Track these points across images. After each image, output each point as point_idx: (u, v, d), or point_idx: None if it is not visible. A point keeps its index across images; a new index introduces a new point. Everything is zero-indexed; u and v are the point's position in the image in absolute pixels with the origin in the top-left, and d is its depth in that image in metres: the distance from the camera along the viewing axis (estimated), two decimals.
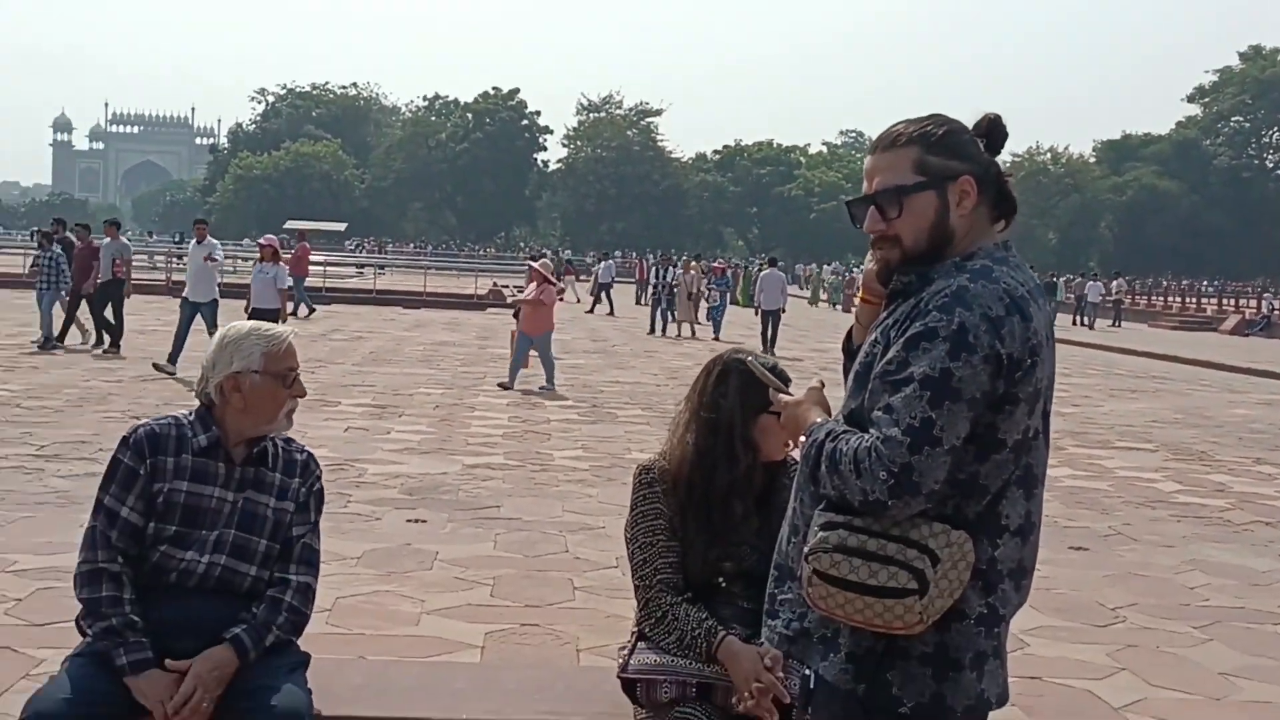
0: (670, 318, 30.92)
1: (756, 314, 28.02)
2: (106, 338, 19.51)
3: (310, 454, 3.50)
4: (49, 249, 20.09)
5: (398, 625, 6.26)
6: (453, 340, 25.70)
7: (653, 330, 30.64)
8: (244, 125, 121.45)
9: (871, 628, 2.36)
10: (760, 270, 32.24)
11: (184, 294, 17.59)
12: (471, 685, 3.77)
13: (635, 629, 3.50)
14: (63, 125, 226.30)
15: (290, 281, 17.90)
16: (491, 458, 11.56)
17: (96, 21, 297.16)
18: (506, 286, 38.78)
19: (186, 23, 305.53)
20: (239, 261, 45.16)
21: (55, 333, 19.61)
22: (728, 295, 32.83)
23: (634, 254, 67.42)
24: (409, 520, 8.66)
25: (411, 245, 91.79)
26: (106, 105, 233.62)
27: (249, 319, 15.94)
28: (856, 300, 2.72)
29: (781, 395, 2.69)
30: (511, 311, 19.17)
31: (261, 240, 18.19)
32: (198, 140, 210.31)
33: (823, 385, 2.65)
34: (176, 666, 3.12)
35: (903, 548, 2.32)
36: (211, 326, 16.26)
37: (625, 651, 3.46)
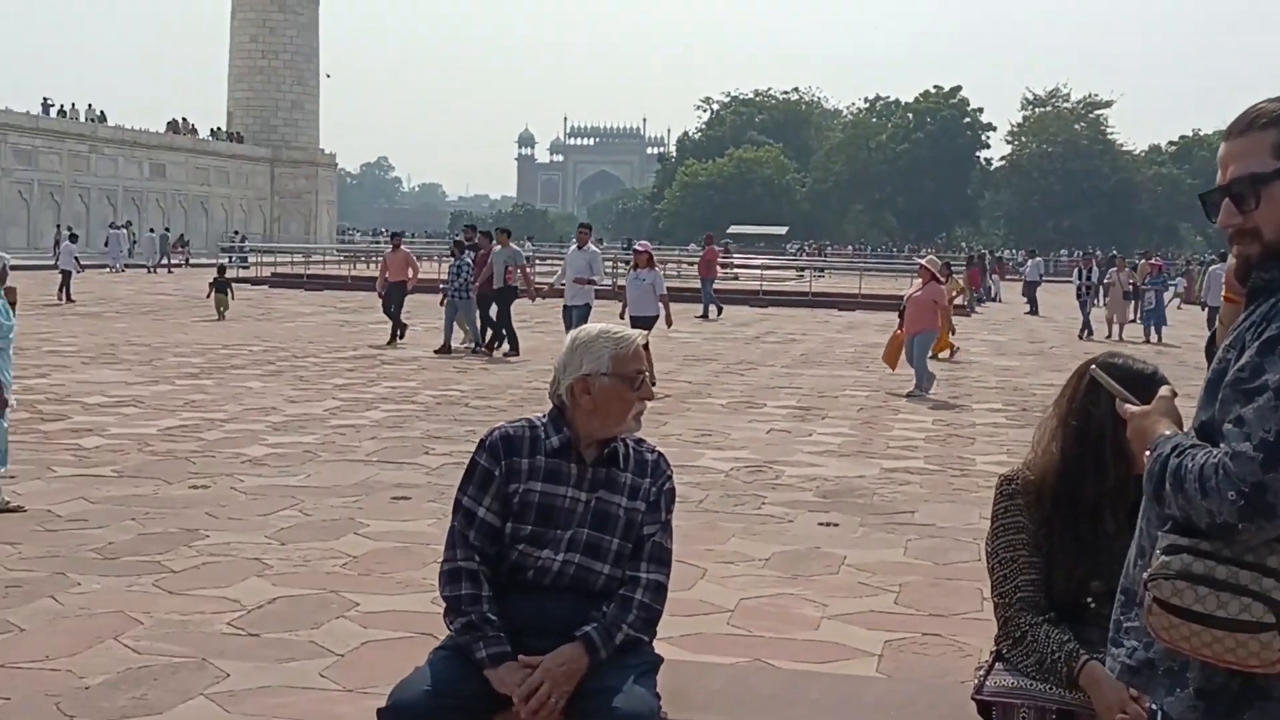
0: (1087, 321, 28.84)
1: (1203, 310, 26.20)
2: (505, 343, 19.99)
3: (660, 454, 3.52)
4: (460, 257, 20.63)
5: (797, 629, 6.24)
6: (882, 342, 25.48)
7: (1082, 333, 28.82)
8: (690, 133, 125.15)
9: (1223, 664, 2.11)
10: (1209, 266, 30.13)
11: (564, 301, 17.75)
12: (830, 696, 3.68)
13: (993, 648, 3.32)
14: (526, 140, 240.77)
15: (665, 289, 16.97)
16: (910, 461, 11.36)
17: (556, 41, 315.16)
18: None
19: (638, 37, 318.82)
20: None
21: (478, 339, 20.33)
22: (1165, 295, 30.64)
23: (1080, 252, 64.72)
24: (821, 523, 8.63)
25: (850, 247, 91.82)
26: (565, 120, 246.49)
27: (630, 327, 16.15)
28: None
29: (1128, 406, 2.45)
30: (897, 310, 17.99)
31: (637, 246, 17.86)
32: (648, 150, 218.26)
33: (1174, 394, 2.41)
34: (529, 661, 3.21)
35: (1258, 576, 2.06)
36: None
37: (981, 672, 3.28)
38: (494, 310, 20.10)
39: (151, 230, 58.84)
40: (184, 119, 75.20)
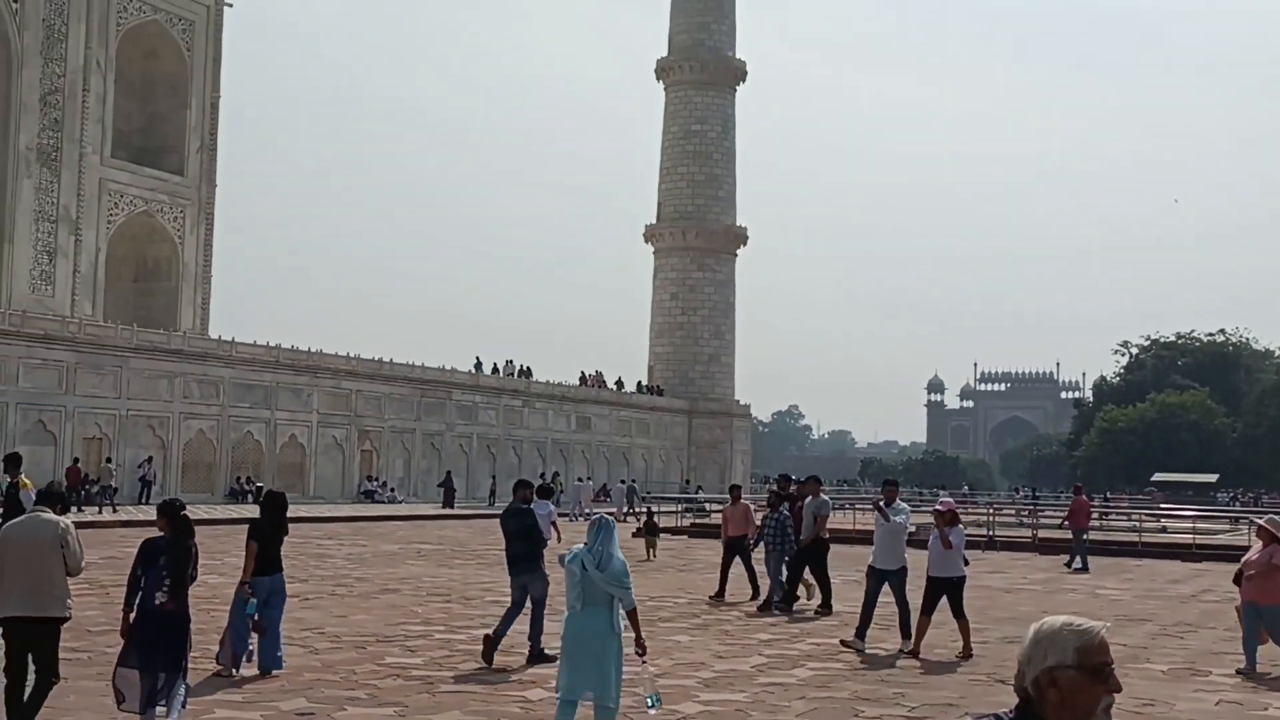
0: None
1: None
2: (819, 598, 19.36)
3: None
4: (778, 510, 20.27)
5: None
6: None
7: None
8: (1108, 378, 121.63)
9: None
10: None
11: (870, 561, 16.24)
12: None
13: None
14: (935, 386, 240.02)
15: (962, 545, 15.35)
16: None
17: (964, 289, 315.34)
18: None
19: (1049, 281, 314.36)
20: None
21: (781, 594, 19.60)
22: None
23: None
24: None
25: None
26: (975, 365, 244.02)
27: (927, 587, 14.94)
28: None
29: None
30: (1232, 576, 16.12)
31: (939, 505, 15.97)
32: (1062, 394, 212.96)
33: None
34: None
35: None
36: (901, 597, 15.66)
37: None
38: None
39: (622, 481, 62.10)
40: (597, 372, 79.26)
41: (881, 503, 16.26)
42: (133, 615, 9.45)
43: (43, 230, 54.48)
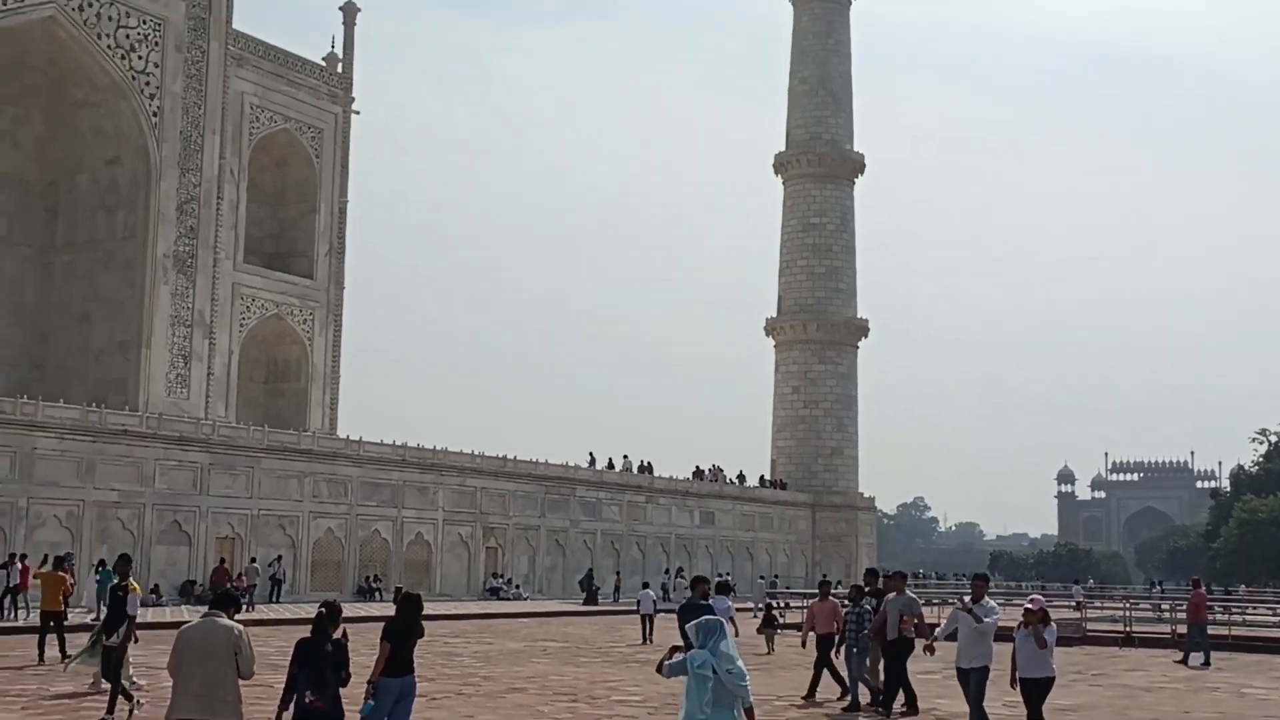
0: None
1: None
2: (903, 701, 18.51)
3: None
4: (858, 604, 19.82)
5: None
6: None
7: None
8: (1245, 466, 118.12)
9: None
10: None
11: (959, 662, 15.60)
12: None
13: None
14: (1065, 477, 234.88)
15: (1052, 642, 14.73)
16: None
17: (1094, 379, 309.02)
18: None
19: (1182, 370, 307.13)
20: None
21: (878, 693, 18.97)
22: None
23: None
24: None
25: None
26: (1106, 455, 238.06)
27: (1022, 690, 14.13)
28: None
29: None
30: None
31: (1029, 603, 15.06)
32: (1198, 484, 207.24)
33: None
34: None
35: None
36: (978, 697, 15.10)
37: None
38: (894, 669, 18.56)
39: (762, 578, 61.55)
40: (714, 466, 78.79)
41: (968, 599, 15.56)
42: (289, 714, 9.58)
43: (179, 334, 56.12)
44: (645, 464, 72.90)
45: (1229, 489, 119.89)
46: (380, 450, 55.46)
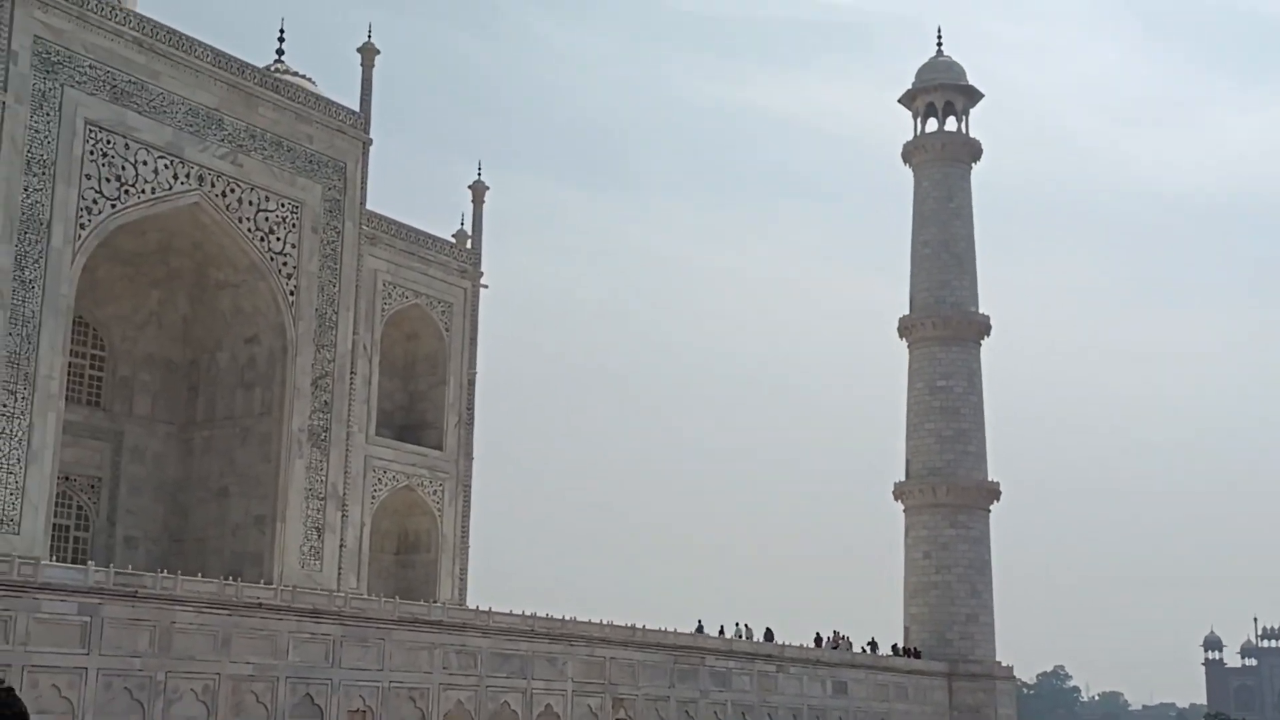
0: None
1: None
2: None
3: None
4: None
5: None
6: None
7: None
8: None
9: None
10: None
11: None
12: None
13: None
14: (1213, 644, 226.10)
15: None
16: None
17: (1240, 541, 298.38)
18: None
19: None
20: None
21: None
22: None
23: None
24: None
25: None
26: (1255, 620, 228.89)
27: None
28: None
29: None
30: None
31: None
32: None
33: None
34: None
35: None
36: None
37: None
38: None
39: None
40: (835, 633, 77.08)
41: None
42: None
43: (312, 507, 56.99)
44: (767, 631, 71.72)
45: None
46: (509, 621, 55.33)
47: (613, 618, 60.18)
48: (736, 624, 71.36)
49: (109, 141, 50.37)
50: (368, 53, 62.33)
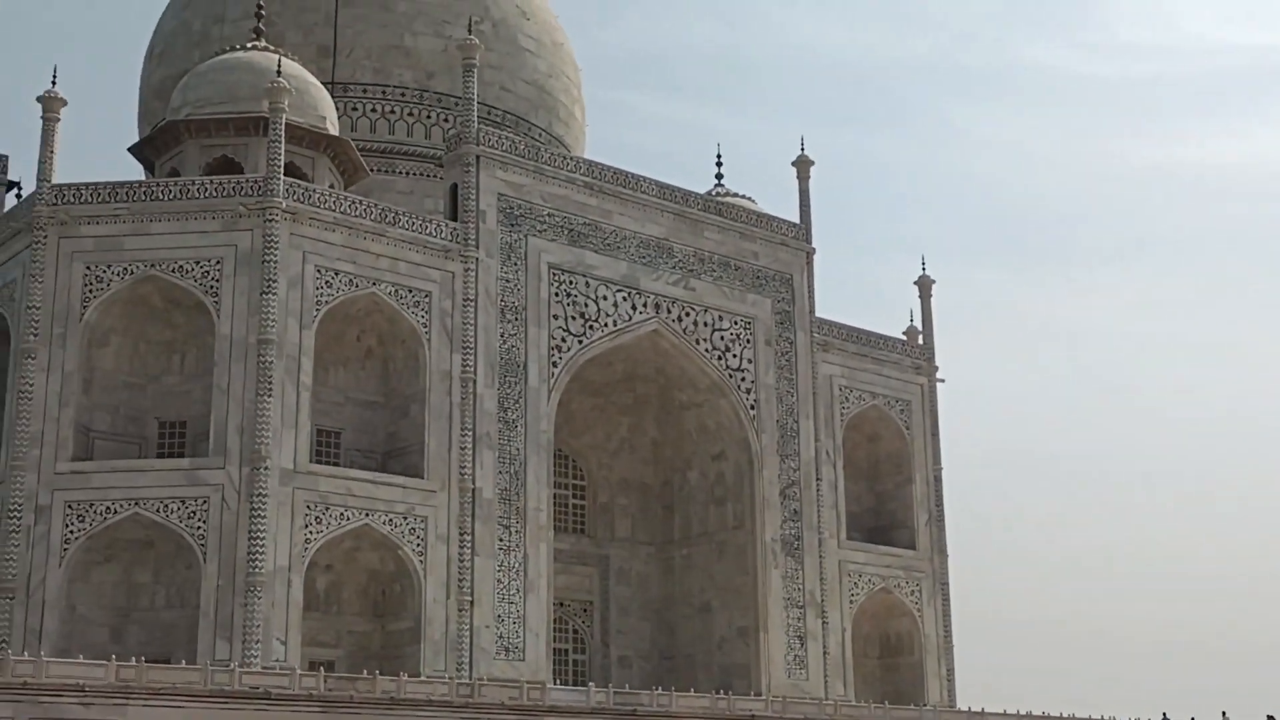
0: None
1: None
2: None
3: None
4: None
5: None
6: None
7: None
8: None
9: None
10: None
11: None
12: None
13: None
14: None
15: None
16: None
17: None
18: None
19: None
20: None
21: None
22: None
23: None
24: None
25: None
26: None
27: None
28: None
29: None
30: None
31: None
32: None
33: None
34: None
35: None
36: None
37: None
38: None
39: None
40: None
41: None
42: None
43: (792, 616, 57.34)
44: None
45: None
46: None
47: (1114, 713, 57.07)
48: (1224, 714, 66.15)
49: (571, 282, 53.57)
50: (802, 165, 63.44)
